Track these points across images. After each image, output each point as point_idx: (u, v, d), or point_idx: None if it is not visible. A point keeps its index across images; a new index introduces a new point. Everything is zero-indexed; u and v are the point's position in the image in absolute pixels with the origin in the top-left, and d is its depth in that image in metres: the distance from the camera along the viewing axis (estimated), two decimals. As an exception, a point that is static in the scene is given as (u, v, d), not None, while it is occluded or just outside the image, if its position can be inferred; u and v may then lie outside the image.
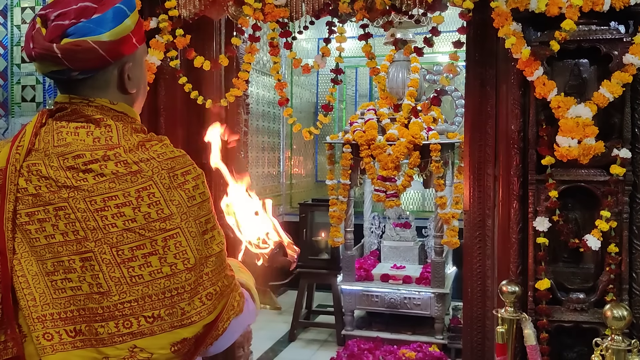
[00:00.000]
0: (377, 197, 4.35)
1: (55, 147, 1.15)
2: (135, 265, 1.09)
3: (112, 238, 1.10)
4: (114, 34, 1.17)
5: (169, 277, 1.10)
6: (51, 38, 1.14)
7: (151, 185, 1.12)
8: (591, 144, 2.33)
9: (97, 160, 1.12)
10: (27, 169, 1.14)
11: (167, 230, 1.11)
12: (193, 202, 1.15)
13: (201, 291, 1.14)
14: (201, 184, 1.18)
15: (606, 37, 2.39)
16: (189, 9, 2.90)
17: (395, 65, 4.72)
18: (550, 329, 2.47)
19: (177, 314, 1.11)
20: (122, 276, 1.09)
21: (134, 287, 1.09)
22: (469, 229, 2.82)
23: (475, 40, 2.74)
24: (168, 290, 1.10)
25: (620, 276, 2.44)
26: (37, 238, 1.12)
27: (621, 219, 2.42)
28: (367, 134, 4.30)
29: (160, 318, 1.10)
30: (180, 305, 1.11)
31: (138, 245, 1.10)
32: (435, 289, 4.44)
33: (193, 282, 1.12)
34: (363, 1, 2.65)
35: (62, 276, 1.10)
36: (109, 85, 1.23)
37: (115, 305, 1.09)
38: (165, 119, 3.05)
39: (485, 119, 2.74)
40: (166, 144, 1.20)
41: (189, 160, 1.19)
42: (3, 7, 4.07)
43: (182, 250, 1.12)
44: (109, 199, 1.10)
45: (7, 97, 4.07)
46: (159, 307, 1.10)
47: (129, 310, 1.09)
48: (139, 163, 1.13)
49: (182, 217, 1.13)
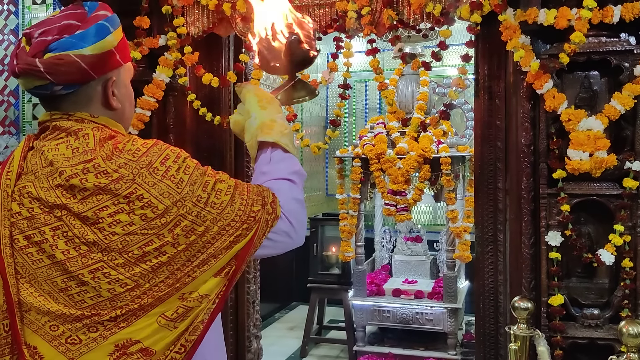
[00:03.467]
0: (387, 211, 4.32)
1: (43, 167, 1.16)
2: (151, 257, 1.12)
3: (117, 245, 1.11)
4: (97, 48, 1.18)
5: (187, 246, 1.15)
6: (34, 53, 1.16)
7: (137, 189, 1.12)
8: (603, 157, 2.30)
9: (76, 175, 1.12)
10: (19, 193, 1.15)
11: (168, 223, 1.12)
12: (182, 184, 1.15)
13: (226, 235, 1.18)
14: (181, 161, 1.18)
15: (616, 49, 2.36)
16: (197, 27, 2.93)
17: (405, 78, 4.71)
18: (565, 346, 2.42)
19: (211, 261, 1.17)
20: (143, 270, 1.11)
21: (158, 270, 1.12)
22: (480, 244, 2.78)
23: (484, 54, 2.73)
24: (197, 253, 1.16)
25: (635, 291, 2.39)
26: (41, 259, 1.12)
27: (635, 232, 2.38)
28: (377, 147, 4.28)
29: (205, 262, 1.16)
30: (208, 251, 1.17)
31: (146, 243, 1.11)
32: (447, 304, 4.39)
33: (216, 231, 1.17)
34: (370, 16, 2.65)
35: (77, 290, 1.11)
36: (92, 100, 1.24)
37: (151, 288, 1.12)
38: (175, 136, 3.06)
39: (495, 133, 2.72)
40: (135, 139, 1.20)
41: (163, 146, 1.19)
42: (15, 27, 4.13)
43: (190, 229, 1.14)
44: (100, 210, 1.11)
45: (19, 115, 4.11)
46: (194, 266, 1.16)
47: (165, 287, 1.13)
48: (118, 170, 1.13)
49: (177, 205, 1.13)
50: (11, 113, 4.10)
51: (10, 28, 4.12)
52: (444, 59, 2.76)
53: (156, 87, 2.86)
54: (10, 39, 4.10)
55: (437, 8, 2.54)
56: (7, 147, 4.10)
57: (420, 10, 2.58)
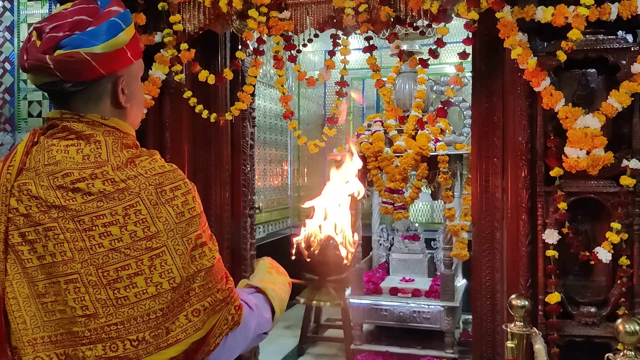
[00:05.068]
0: (384, 209, 4.31)
1: (45, 165, 1.14)
2: (120, 286, 1.08)
3: (98, 259, 1.08)
4: (108, 46, 1.16)
5: (154, 297, 1.08)
6: (44, 49, 1.13)
7: (138, 202, 1.10)
8: (600, 154, 2.30)
9: (84, 179, 1.11)
10: (18, 189, 1.13)
11: (153, 249, 1.09)
12: (181, 218, 1.13)
13: (187, 307, 1.11)
14: (191, 199, 1.15)
15: (614, 47, 2.36)
16: (194, 24, 2.91)
17: (402, 76, 4.70)
18: (561, 344, 2.42)
19: (162, 334, 1.09)
20: (108, 298, 1.07)
21: (120, 309, 1.07)
22: (477, 242, 2.78)
23: (481, 51, 2.72)
24: (153, 312, 1.08)
25: (632, 289, 2.39)
26: (30, 259, 1.10)
27: (632, 230, 2.38)
28: (374, 145, 4.27)
29: (145, 341, 1.08)
30: (166, 325, 1.09)
31: (123, 266, 1.08)
32: (444, 302, 4.38)
33: (178, 299, 1.10)
34: (367, 13, 2.65)
35: (52, 298, 1.09)
36: (102, 98, 1.21)
37: (102, 327, 1.07)
38: (171, 134, 3.05)
39: (493, 130, 2.72)
40: (156, 159, 1.18)
41: (179, 175, 1.17)
42: (10, 24, 4.11)
43: (168, 268, 1.10)
44: (97, 218, 1.09)
45: (14, 112, 4.09)
46: (143, 330, 1.08)
47: (115, 333, 1.07)
48: (126, 180, 1.11)
49: (168, 234, 1.11)
50: (6, 110, 4.09)
51: (5, 25, 4.10)
52: (442, 56, 2.76)
53: (152, 85, 2.84)
54: (6, 36, 4.08)
55: (435, 5, 2.54)
56: (2, 145, 4.09)
57: (418, 8, 2.58)
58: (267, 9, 2.76)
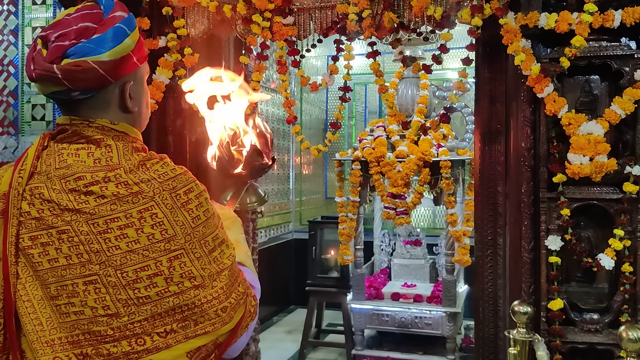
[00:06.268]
0: (386, 214, 4.31)
1: (57, 169, 1.14)
2: (140, 286, 1.08)
3: (116, 260, 1.08)
4: (114, 53, 1.16)
5: (177, 294, 1.10)
6: (51, 59, 1.14)
7: (153, 206, 1.11)
8: (603, 161, 2.30)
9: (97, 182, 1.11)
10: (30, 193, 1.14)
11: (171, 251, 1.10)
12: (198, 221, 1.13)
13: (216, 305, 1.13)
14: (204, 201, 1.16)
15: (617, 53, 2.37)
16: (198, 28, 2.92)
17: (405, 82, 4.71)
18: (564, 351, 2.41)
19: (190, 325, 1.11)
20: (129, 297, 1.08)
21: (142, 307, 1.09)
22: (479, 248, 2.78)
23: (485, 57, 2.73)
24: (178, 307, 1.10)
25: (635, 296, 2.39)
26: (40, 262, 1.11)
27: (635, 237, 2.38)
28: (377, 150, 4.27)
29: (174, 331, 1.10)
30: (193, 318, 1.11)
31: (142, 267, 1.09)
32: (446, 308, 4.38)
33: (204, 297, 1.11)
34: (371, 19, 2.65)
35: (66, 300, 1.09)
36: (110, 104, 1.22)
37: (126, 325, 1.08)
38: (174, 138, 3.06)
39: (495, 136, 2.72)
40: (167, 163, 1.19)
41: (190, 177, 1.18)
42: (14, 27, 4.12)
43: (188, 270, 1.11)
44: (111, 220, 1.09)
45: (18, 115, 4.10)
46: (170, 322, 1.10)
47: (140, 329, 1.08)
48: (139, 184, 1.12)
49: (185, 238, 1.11)
50: (10, 114, 4.10)
51: (10, 28, 4.11)
52: (445, 62, 2.75)
53: (156, 89, 2.85)
54: (10, 40, 4.10)
55: (438, 11, 2.54)
56: (5, 148, 4.10)
57: (421, 13, 2.58)
58: (271, 14, 2.77)
